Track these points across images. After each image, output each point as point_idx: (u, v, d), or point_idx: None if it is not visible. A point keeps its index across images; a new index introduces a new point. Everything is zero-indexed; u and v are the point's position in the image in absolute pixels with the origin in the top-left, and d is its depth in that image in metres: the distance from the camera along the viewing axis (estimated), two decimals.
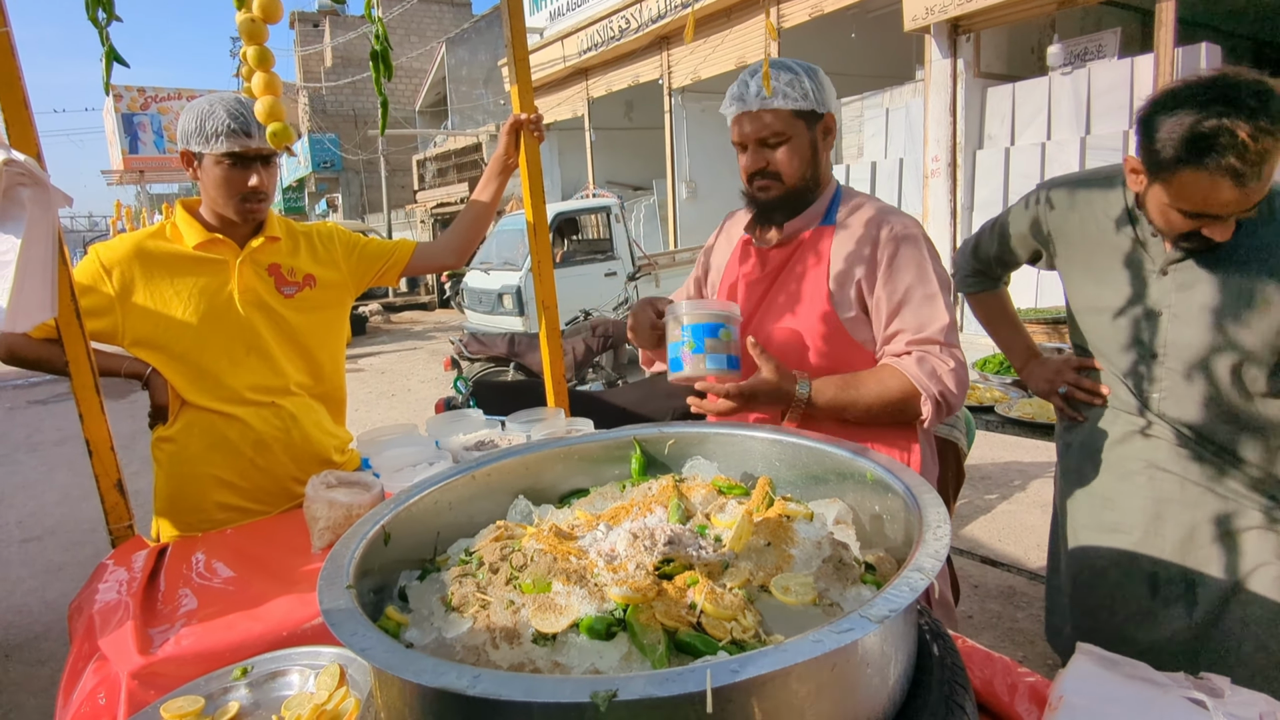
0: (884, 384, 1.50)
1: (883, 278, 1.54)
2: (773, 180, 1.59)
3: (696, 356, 1.42)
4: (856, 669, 0.70)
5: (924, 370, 1.49)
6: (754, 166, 1.59)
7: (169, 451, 1.84)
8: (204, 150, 1.76)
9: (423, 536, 1.06)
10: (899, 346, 1.54)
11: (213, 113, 1.75)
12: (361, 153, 25.89)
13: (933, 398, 1.48)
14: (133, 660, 1.22)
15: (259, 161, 1.79)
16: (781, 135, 1.56)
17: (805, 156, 1.58)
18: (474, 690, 0.61)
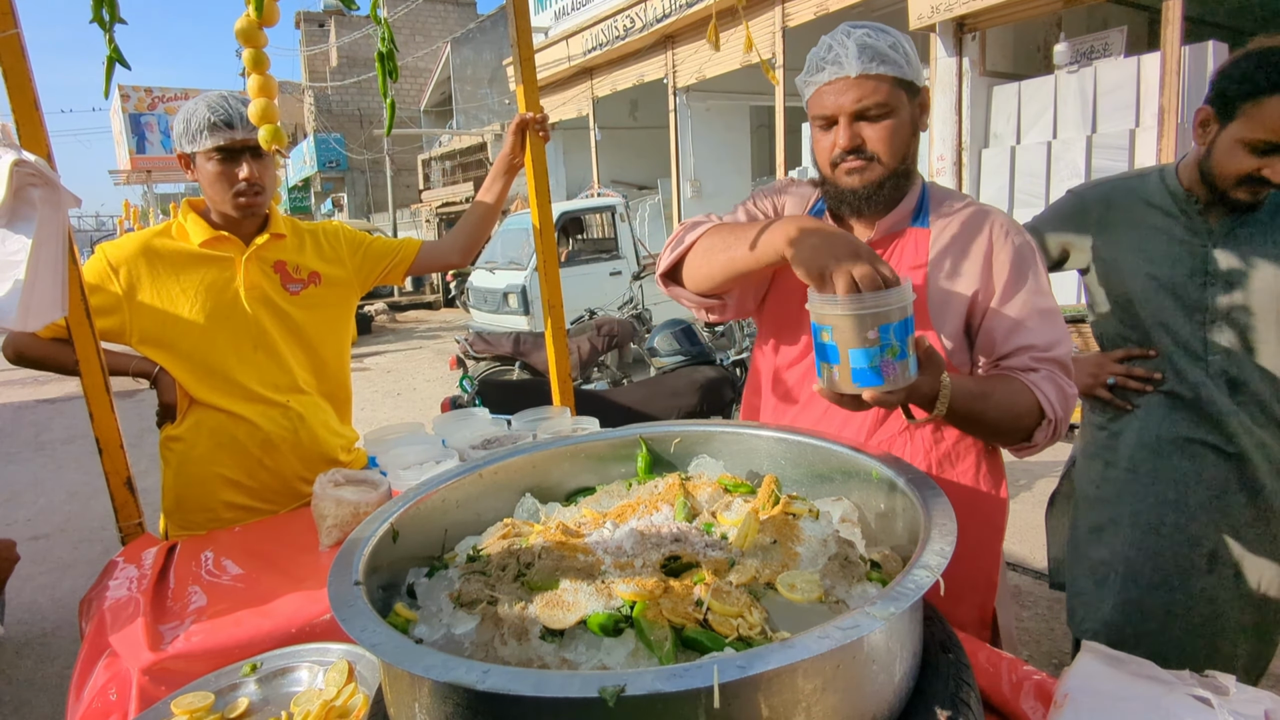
0: (1013, 398, 1.28)
1: (1004, 290, 1.35)
2: (868, 161, 1.34)
3: (901, 365, 1.06)
4: (862, 665, 0.70)
5: (1053, 391, 1.29)
6: (848, 144, 1.33)
7: (177, 450, 1.85)
8: (194, 149, 1.78)
9: (431, 534, 1.07)
10: (1024, 361, 1.33)
11: (195, 111, 1.77)
12: (367, 152, 25.96)
13: (1052, 422, 1.30)
14: (143, 656, 1.23)
15: (247, 153, 1.80)
16: (885, 107, 1.30)
17: (906, 135, 1.34)
18: (484, 685, 0.62)
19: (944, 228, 1.40)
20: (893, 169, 1.34)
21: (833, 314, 1.05)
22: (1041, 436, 1.31)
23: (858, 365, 1.05)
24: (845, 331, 1.04)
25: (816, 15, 9.32)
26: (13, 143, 1.50)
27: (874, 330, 1.03)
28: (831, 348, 1.07)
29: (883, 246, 1.42)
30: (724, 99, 12.90)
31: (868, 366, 1.05)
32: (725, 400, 4.51)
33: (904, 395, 1.10)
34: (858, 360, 1.05)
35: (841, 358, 1.06)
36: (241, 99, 1.77)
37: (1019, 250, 1.37)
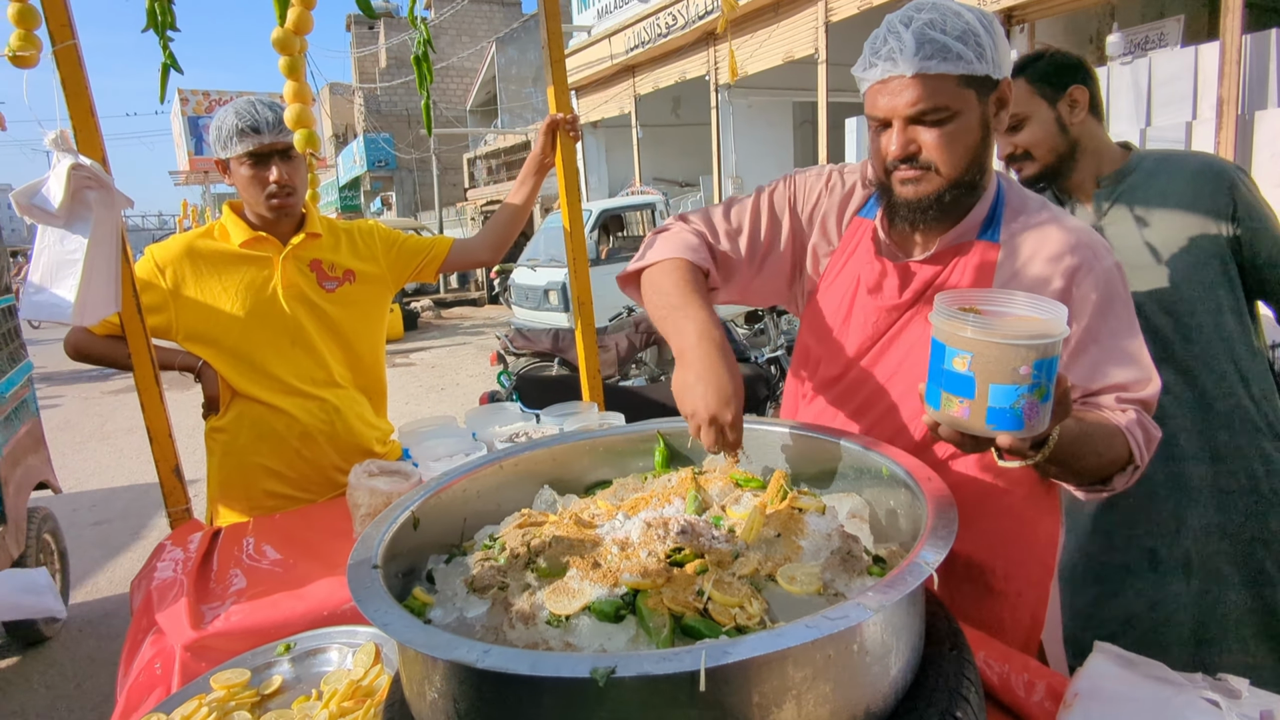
0: (1109, 443, 1.13)
1: (1089, 324, 1.19)
2: (924, 171, 1.18)
3: (1045, 408, 0.91)
4: (854, 656, 0.72)
5: (1142, 436, 1.15)
6: (900, 151, 1.17)
7: (221, 441, 1.94)
8: (227, 155, 1.86)
9: (450, 523, 1.11)
10: (1108, 402, 1.19)
11: (226, 118, 1.84)
12: (414, 151, 26.41)
13: (1138, 469, 1.16)
14: (186, 634, 1.30)
15: (276, 156, 1.87)
16: (944, 111, 1.13)
17: (972, 141, 1.17)
18: (483, 664, 0.65)
19: (1018, 244, 1.23)
20: (953, 180, 1.18)
21: (981, 340, 0.87)
22: (1121, 482, 1.16)
23: (999, 404, 0.88)
24: (993, 363, 0.87)
25: (860, 9, 9.20)
26: (71, 147, 1.60)
27: (1028, 365, 0.86)
28: (966, 378, 0.89)
29: (941, 263, 1.27)
30: (766, 95, 12.82)
31: (1009, 406, 0.88)
32: (759, 398, 4.50)
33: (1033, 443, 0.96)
34: (1000, 398, 0.88)
35: (979, 392, 0.89)
36: (268, 104, 1.85)
37: (1108, 278, 1.20)
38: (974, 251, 1.25)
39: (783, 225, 1.41)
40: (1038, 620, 1.33)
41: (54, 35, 1.63)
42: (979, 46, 1.12)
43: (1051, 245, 1.22)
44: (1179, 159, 1.73)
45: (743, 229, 1.40)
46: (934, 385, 0.94)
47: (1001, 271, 1.23)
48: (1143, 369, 1.20)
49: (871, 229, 1.34)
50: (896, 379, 1.30)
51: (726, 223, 1.41)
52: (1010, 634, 1.30)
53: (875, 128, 1.22)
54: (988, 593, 1.31)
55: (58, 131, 1.61)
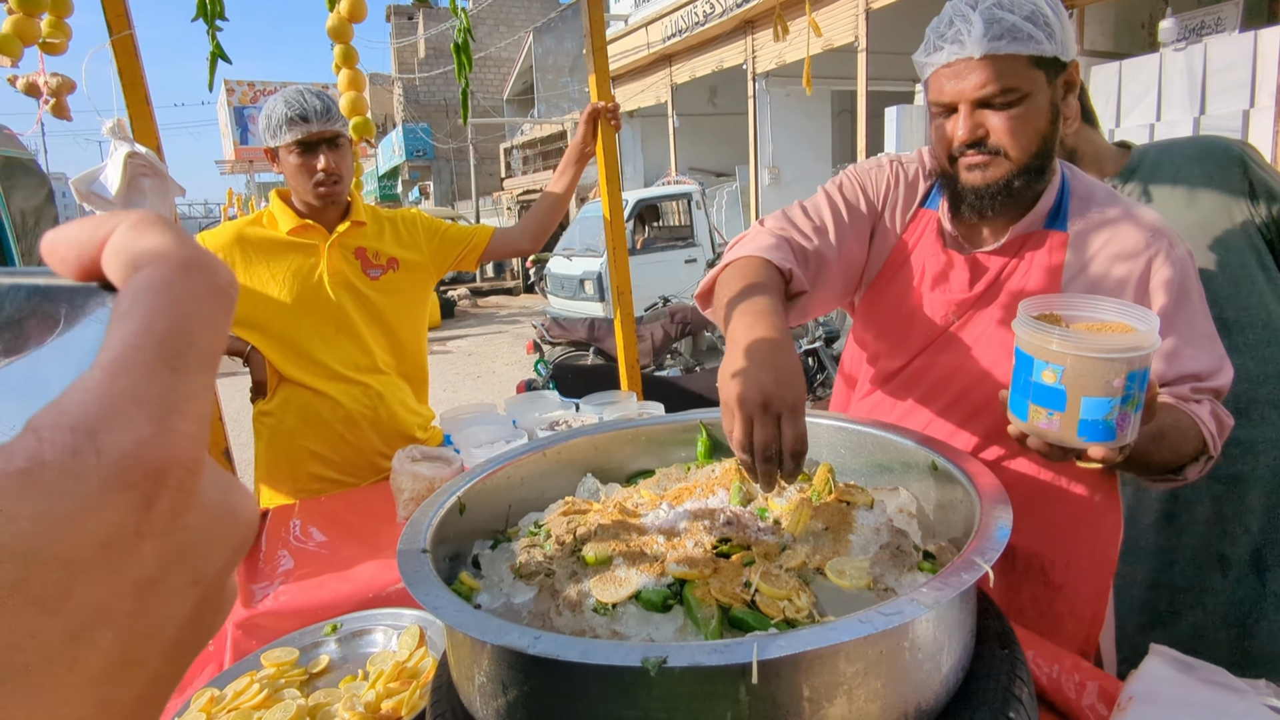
0: (1184, 436, 1.11)
1: (1163, 315, 1.15)
2: (992, 156, 1.15)
3: (1137, 418, 0.90)
4: (906, 653, 0.71)
5: (1215, 426, 1.14)
6: (968, 136, 1.14)
7: (268, 424, 1.98)
8: (276, 143, 1.89)
9: (495, 509, 1.12)
10: (1184, 392, 1.17)
11: (275, 107, 1.87)
12: (452, 141, 26.64)
13: (1211, 459, 1.15)
14: (237, 612, 1.33)
15: (324, 145, 1.89)
16: (1014, 92, 1.11)
17: (1041, 124, 1.14)
18: (534, 650, 0.65)
19: (1087, 233, 1.20)
20: (1022, 164, 1.15)
21: (1071, 353, 0.87)
22: (1194, 472, 1.15)
23: (1091, 416, 0.87)
24: (1084, 376, 0.86)
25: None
26: (127, 135, 1.64)
27: (1121, 378, 0.85)
28: (1057, 391, 0.88)
29: (1010, 253, 1.24)
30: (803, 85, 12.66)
31: (1102, 419, 0.87)
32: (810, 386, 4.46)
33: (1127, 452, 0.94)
34: (1092, 410, 0.87)
35: (1070, 405, 0.88)
36: (317, 93, 1.87)
37: (1182, 267, 1.18)
38: (1044, 243, 1.23)
39: (860, 213, 1.37)
40: (1098, 616, 1.31)
41: (111, 25, 1.67)
42: (1048, 27, 1.10)
43: (1124, 237, 1.20)
44: (1179, 145, 1.70)
45: (827, 225, 1.34)
46: (1019, 397, 0.92)
47: (1071, 263, 1.21)
48: (1216, 357, 1.19)
49: (936, 220, 1.32)
50: (960, 373, 1.28)
51: (809, 220, 1.35)
52: (1071, 629, 1.28)
53: (939, 114, 1.19)
54: (1047, 586, 1.29)
55: (115, 120, 1.65)
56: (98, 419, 0.20)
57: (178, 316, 0.23)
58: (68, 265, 0.25)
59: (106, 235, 0.24)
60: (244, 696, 1.11)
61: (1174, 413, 1.13)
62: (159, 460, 0.21)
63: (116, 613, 0.20)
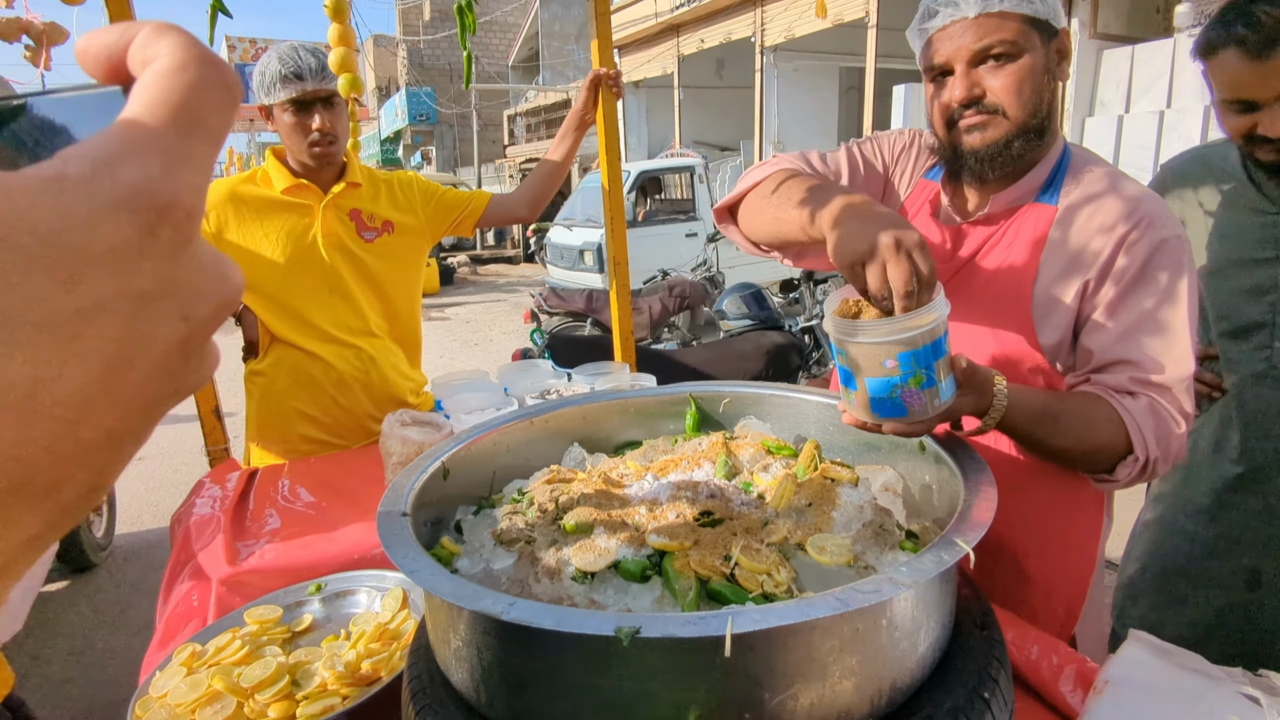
0: (1092, 426, 1.08)
1: (1122, 289, 1.13)
2: (990, 115, 1.13)
3: (929, 394, 0.91)
4: (883, 631, 0.71)
5: (1152, 425, 1.08)
6: (965, 95, 1.13)
7: (259, 384, 1.97)
8: (270, 101, 1.86)
9: (480, 475, 1.12)
10: (1121, 381, 1.11)
11: (269, 64, 1.83)
12: (456, 107, 26.32)
13: (1141, 461, 1.09)
14: (222, 569, 1.33)
15: (319, 104, 1.85)
16: (1010, 45, 1.10)
17: (1038, 83, 1.13)
18: (508, 616, 0.65)
19: (1074, 207, 1.18)
20: (1021, 123, 1.13)
21: (845, 340, 0.92)
22: (1125, 473, 1.10)
23: (877, 395, 0.92)
24: (862, 360, 0.92)
25: None
26: None
27: (892, 359, 0.89)
28: (847, 374, 0.94)
29: (994, 224, 1.23)
30: (813, 59, 12.50)
31: (887, 397, 0.91)
32: (792, 367, 4.46)
33: (939, 421, 0.97)
34: (876, 390, 0.92)
35: (860, 386, 0.93)
36: (312, 50, 1.83)
37: (1159, 246, 1.12)
38: (1028, 215, 1.21)
39: (877, 176, 1.38)
40: (1072, 614, 1.30)
41: None
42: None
43: (1106, 212, 1.16)
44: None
45: (842, 173, 1.36)
46: (839, 378, 0.99)
47: (1054, 238, 1.18)
48: (1170, 352, 1.11)
49: (934, 192, 1.32)
50: None
51: (824, 164, 1.36)
52: (1043, 624, 1.27)
53: (935, 79, 1.19)
54: (1020, 577, 1.28)
55: None
56: (116, 155, 0.24)
57: (189, 95, 0.27)
58: (98, 65, 0.29)
59: (133, 37, 0.28)
60: (225, 652, 1.12)
61: (1084, 399, 1.10)
62: (164, 197, 0.25)
63: (118, 310, 0.24)
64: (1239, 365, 1.58)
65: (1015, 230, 1.21)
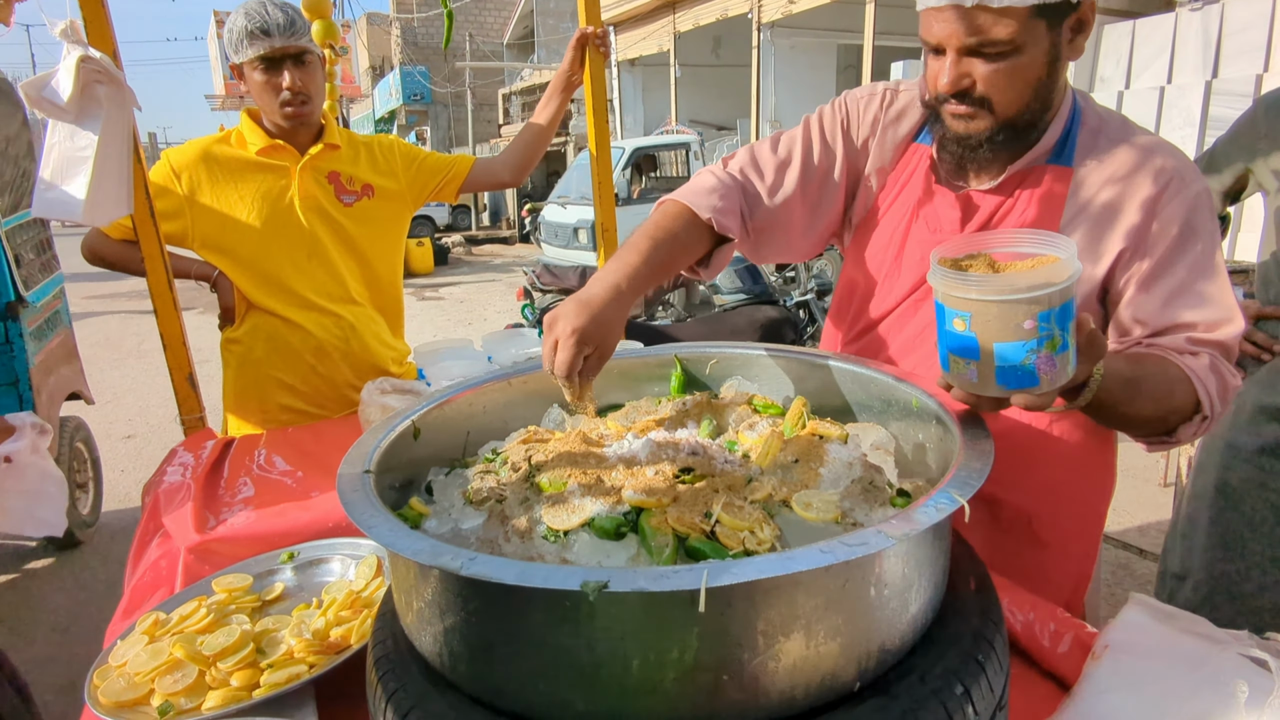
0: (1169, 389, 1.02)
1: (1166, 254, 1.07)
2: (977, 109, 1.08)
3: (1061, 359, 0.81)
4: (871, 588, 0.66)
5: (1215, 383, 1.04)
6: (951, 86, 1.07)
7: (236, 352, 1.92)
8: (239, 59, 1.78)
9: (454, 436, 1.07)
10: (1180, 343, 1.06)
11: (235, 20, 1.75)
12: (450, 86, 26.03)
13: (1207, 419, 1.05)
14: (190, 537, 1.29)
15: (288, 61, 1.77)
16: (1007, 46, 1.02)
17: (1033, 78, 1.05)
18: (467, 571, 0.61)
19: (1094, 168, 1.11)
20: (1007, 119, 1.07)
21: (974, 298, 0.79)
22: (1187, 433, 1.06)
23: (1006, 362, 0.80)
24: (992, 321, 0.79)
25: None
26: (80, 39, 1.53)
27: (1032, 319, 0.77)
28: (968, 339, 0.81)
29: (1005, 192, 1.16)
30: (810, 36, 12.35)
31: (1019, 364, 0.80)
32: (785, 341, 4.42)
33: (1058, 395, 0.87)
34: (1007, 356, 0.80)
35: (984, 353, 0.81)
36: (280, 4, 1.74)
37: (1195, 203, 1.07)
38: (1044, 180, 1.14)
39: (836, 151, 1.30)
40: (1084, 575, 1.27)
41: None
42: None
43: (1132, 171, 1.09)
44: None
45: (792, 159, 1.29)
46: (942, 347, 0.86)
47: (1073, 201, 1.12)
48: (1221, 308, 1.07)
49: (929, 155, 1.24)
50: None
51: (774, 155, 1.30)
52: (1055, 587, 1.23)
53: (929, 51, 1.10)
54: (1034, 543, 1.24)
55: (67, 22, 1.55)
56: None
57: None
58: None
59: None
60: (189, 620, 1.08)
61: (1158, 363, 1.04)
62: None
63: None
64: None
65: (1030, 196, 1.15)
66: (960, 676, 0.69)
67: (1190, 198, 1.08)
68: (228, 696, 0.93)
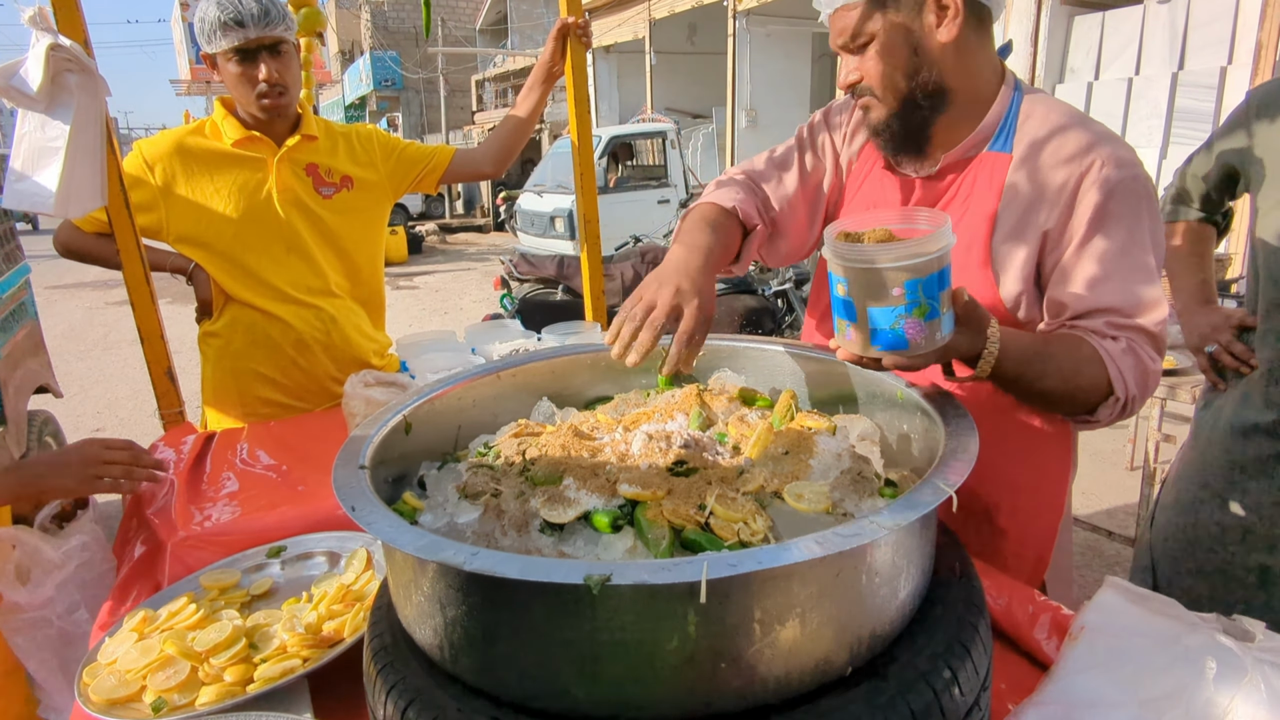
0: (1077, 368, 1.07)
1: (1084, 235, 1.11)
2: (870, 99, 1.17)
3: (931, 325, 0.89)
4: (863, 576, 0.68)
5: (1130, 365, 1.08)
6: (843, 84, 1.19)
7: (215, 346, 1.90)
8: (212, 50, 1.73)
9: (444, 430, 1.07)
10: (1099, 326, 1.11)
11: (207, 10, 1.69)
12: (422, 71, 25.67)
13: (1121, 401, 1.09)
14: (176, 533, 1.28)
15: (264, 52, 1.73)
16: (865, 38, 1.13)
17: (898, 59, 1.12)
18: (470, 566, 0.61)
19: (1031, 154, 1.15)
20: (898, 100, 1.15)
21: (851, 264, 0.87)
22: (1105, 414, 1.11)
23: (879, 325, 0.89)
24: (866, 286, 0.87)
25: None
26: (50, 27, 1.50)
27: (899, 286, 0.86)
28: (848, 303, 0.90)
29: (945, 178, 1.22)
30: (786, 24, 12.34)
31: (888, 328, 0.88)
32: (765, 330, 4.45)
33: (936, 358, 0.95)
34: (878, 320, 0.88)
35: (860, 316, 0.90)
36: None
37: (1116, 187, 1.09)
38: (983, 165, 1.19)
39: (824, 160, 1.40)
40: (1043, 559, 1.30)
41: None
42: None
43: (1062, 153, 1.13)
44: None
45: (790, 164, 1.40)
46: (834, 312, 0.95)
47: (1012, 183, 1.16)
48: (1146, 292, 1.10)
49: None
50: None
51: (774, 162, 1.41)
52: (1013, 572, 1.26)
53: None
54: (992, 530, 1.28)
55: (36, 9, 1.51)
56: None
57: None
58: None
59: None
60: (179, 617, 1.07)
61: (1071, 342, 1.09)
62: None
63: None
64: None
65: (971, 181, 1.20)
66: (947, 659, 0.72)
67: (1115, 179, 1.10)
68: (221, 692, 0.93)
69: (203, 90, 22.53)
